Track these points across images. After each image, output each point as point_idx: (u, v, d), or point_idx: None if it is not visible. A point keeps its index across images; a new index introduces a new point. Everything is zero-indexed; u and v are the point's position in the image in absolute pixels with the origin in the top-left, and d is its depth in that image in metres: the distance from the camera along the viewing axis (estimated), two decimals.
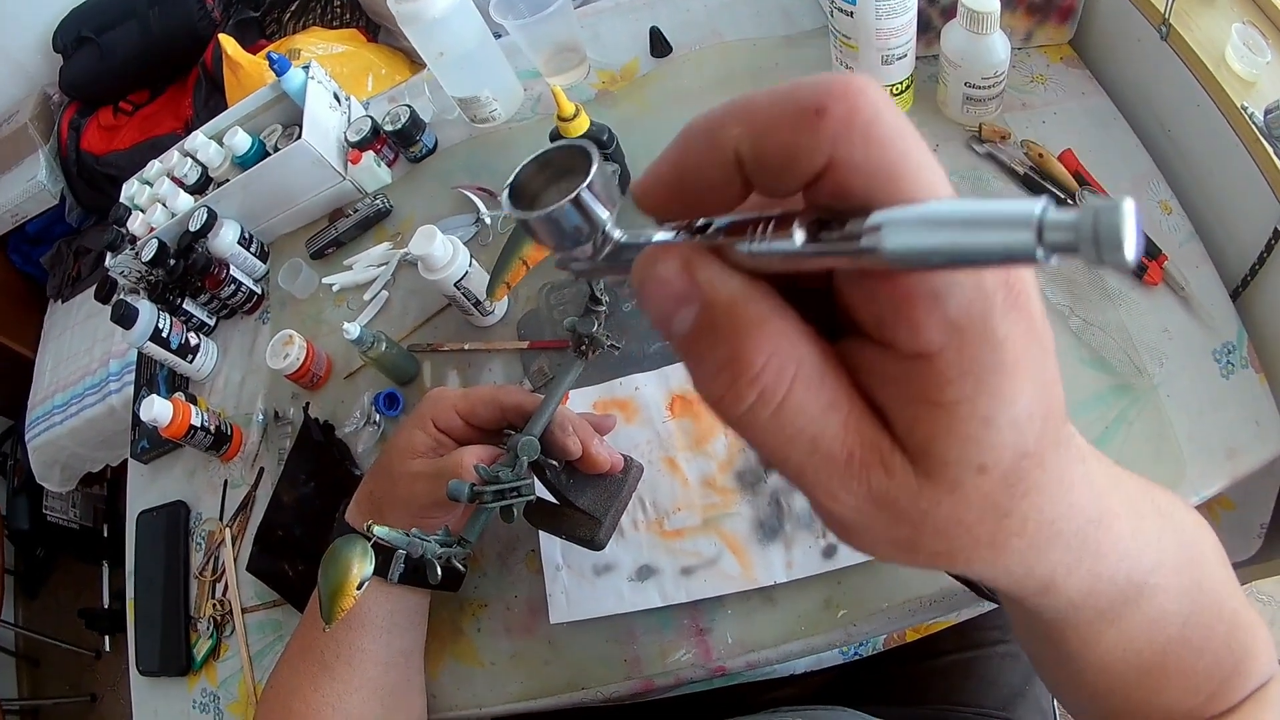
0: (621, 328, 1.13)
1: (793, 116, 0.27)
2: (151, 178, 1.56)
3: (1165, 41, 1.02)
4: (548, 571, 0.99)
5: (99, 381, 2.62)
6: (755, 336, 0.29)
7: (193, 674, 1.20)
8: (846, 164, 0.27)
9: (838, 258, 0.27)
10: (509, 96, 1.41)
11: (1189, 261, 0.99)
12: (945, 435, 0.29)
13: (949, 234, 0.23)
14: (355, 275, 1.36)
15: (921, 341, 0.28)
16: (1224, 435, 0.90)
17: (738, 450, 0.99)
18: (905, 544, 0.33)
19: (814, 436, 0.30)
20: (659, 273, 0.30)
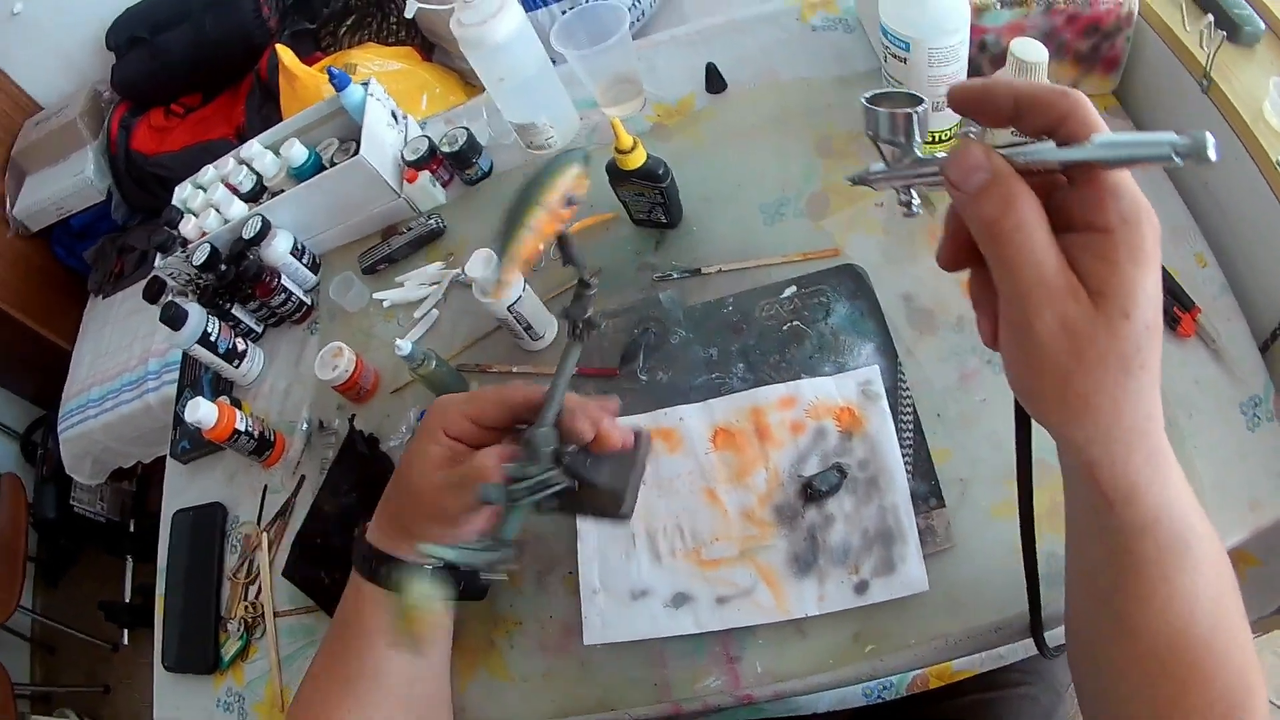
0: (670, 360, 1.15)
1: (1052, 89, 0.51)
2: (205, 183, 1.59)
3: (1206, 94, 1.04)
4: (584, 593, 1.02)
5: (137, 379, 2.67)
6: (1021, 191, 0.50)
7: (219, 673, 1.22)
8: (1074, 116, 0.50)
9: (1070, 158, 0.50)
10: (565, 125, 1.44)
11: (1221, 315, 1.01)
12: (1113, 279, 0.50)
13: (1130, 149, 0.48)
14: (406, 293, 1.39)
15: (1108, 220, 0.50)
16: (1247, 487, 0.91)
17: (777, 485, 1.01)
18: (1065, 376, 0.52)
19: (1040, 261, 0.50)
20: (972, 151, 0.51)
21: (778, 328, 1.13)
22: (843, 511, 0.98)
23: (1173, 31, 1.08)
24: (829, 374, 1.07)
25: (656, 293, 1.21)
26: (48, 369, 3.16)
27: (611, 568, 1.02)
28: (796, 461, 1.02)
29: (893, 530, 0.95)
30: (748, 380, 1.10)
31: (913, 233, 1.17)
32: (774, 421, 1.05)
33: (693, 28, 1.54)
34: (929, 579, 0.92)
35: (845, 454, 1.01)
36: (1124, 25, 1.12)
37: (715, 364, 1.13)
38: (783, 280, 1.17)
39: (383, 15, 2.89)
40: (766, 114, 1.36)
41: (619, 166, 1.17)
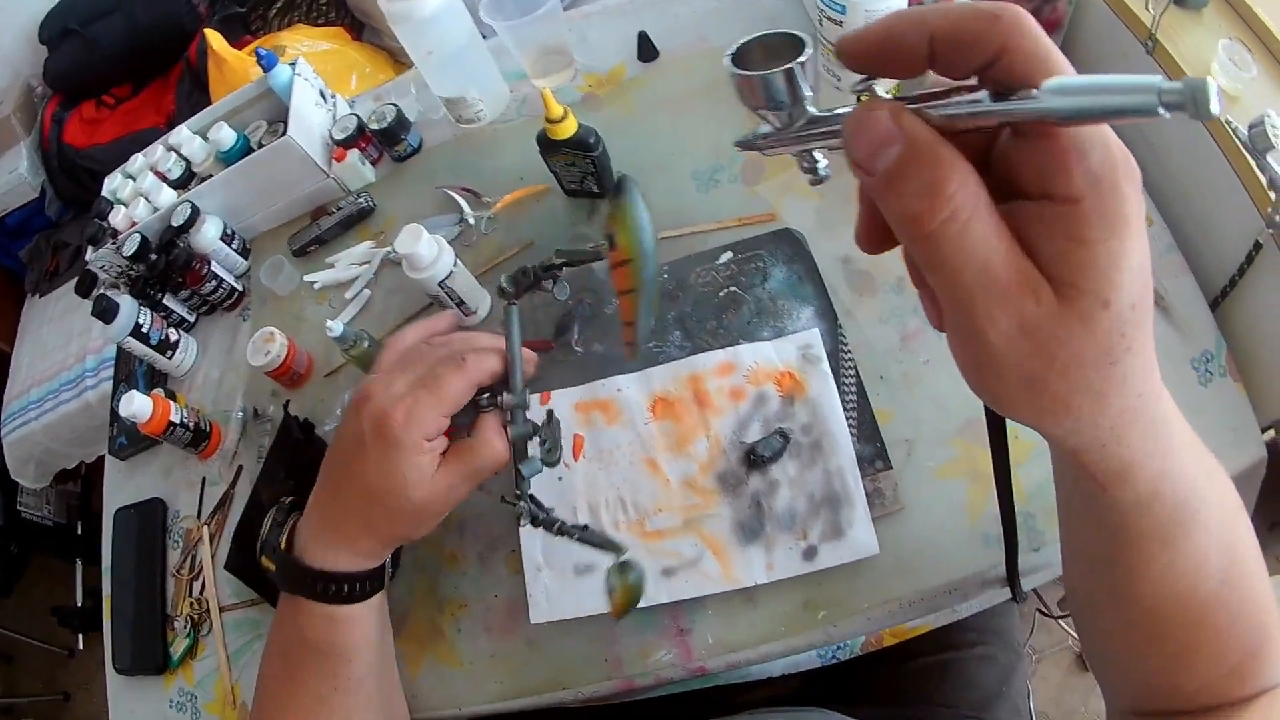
0: (604, 330, 1.13)
1: (978, 15, 0.37)
2: (134, 172, 1.55)
3: (1151, 55, 1.03)
4: (528, 571, 0.99)
5: (75, 377, 2.60)
6: (950, 167, 0.38)
7: (169, 673, 1.19)
8: (1013, 50, 0.36)
9: (1013, 115, 0.37)
10: (495, 97, 1.41)
11: (1169, 272, 1.01)
12: (1085, 267, 0.38)
13: (1098, 97, 0.34)
14: (337, 273, 1.36)
15: (1072, 187, 0.38)
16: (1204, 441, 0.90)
17: (718, 452, 0.99)
18: (1033, 380, 0.41)
19: (986, 259, 0.39)
20: (874, 117, 0.39)
21: (714, 294, 1.11)
22: (787, 477, 0.96)
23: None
24: (768, 339, 1.05)
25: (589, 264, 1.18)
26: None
27: (554, 543, 0.99)
28: (738, 428, 1.00)
29: (839, 494, 0.93)
30: (685, 348, 1.08)
31: (848, 195, 1.13)
32: (713, 388, 1.03)
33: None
34: (879, 542, 0.91)
35: (787, 419, 0.99)
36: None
37: (651, 333, 1.10)
38: (718, 246, 1.15)
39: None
40: (699, 81, 1.33)
41: (549, 136, 1.14)
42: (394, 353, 0.86)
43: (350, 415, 0.81)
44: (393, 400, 0.78)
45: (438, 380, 0.79)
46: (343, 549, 0.83)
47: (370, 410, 0.79)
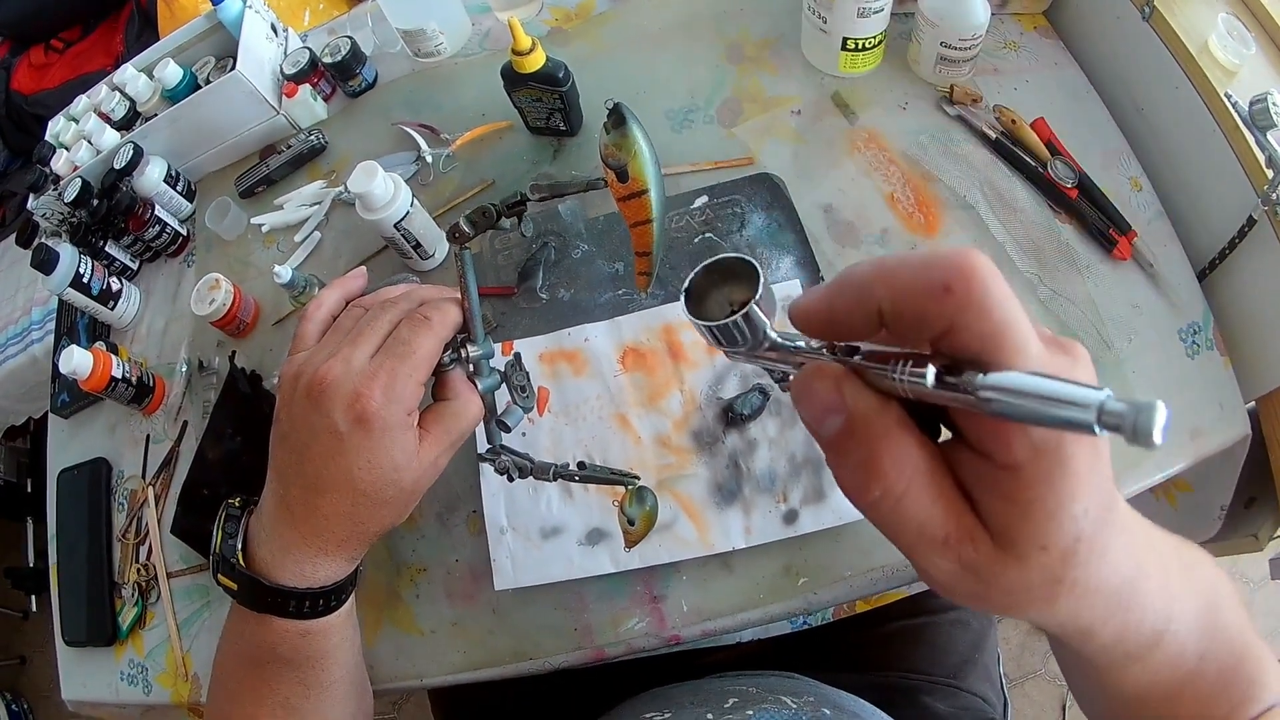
0: (571, 275, 1.06)
1: (926, 290, 0.36)
2: (78, 114, 1.46)
3: (1147, 22, 1.01)
4: (491, 534, 0.92)
5: (21, 331, 2.51)
6: (884, 446, 0.39)
7: (119, 644, 1.12)
8: (964, 329, 0.36)
9: (953, 402, 0.36)
10: (456, 30, 1.33)
11: (1156, 239, 0.99)
12: (1020, 523, 0.38)
13: (1036, 405, 0.33)
14: (286, 215, 1.28)
15: (1011, 457, 0.37)
16: (1188, 415, 0.90)
17: (694, 408, 0.92)
18: (979, 597, 0.41)
19: (922, 523, 0.40)
20: (817, 388, 0.40)
21: (689, 240, 1.04)
22: (767, 436, 0.89)
23: None
24: None
25: (555, 205, 1.11)
26: None
27: (519, 504, 0.92)
28: (714, 383, 0.93)
29: (821, 457, 0.86)
30: (657, 296, 1.00)
31: (831, 141, 1.09)
32: (687, 340, 0.96)
33: None
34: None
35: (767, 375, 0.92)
36: None
37: (621, 279, 1.03)
38: (693, 190, 1.08)
39: None
40: (672, 18, 1.26)
41: (515, 70, 1.06)
42: (315, 322, 0.77)
43: (304, 407, 0.70)
44: (363, 378, 0.68)
45: (408, 344, 0.69)
46: (322, 561, 0.73)
47: (339, 396, 0.68)
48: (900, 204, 1.03)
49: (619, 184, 0.77)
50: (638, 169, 0.76)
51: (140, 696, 1.08)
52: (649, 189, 0.77)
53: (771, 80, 1.16)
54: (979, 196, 1.02)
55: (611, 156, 0.76)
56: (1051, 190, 1.01)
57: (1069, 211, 1.00)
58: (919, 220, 1.02)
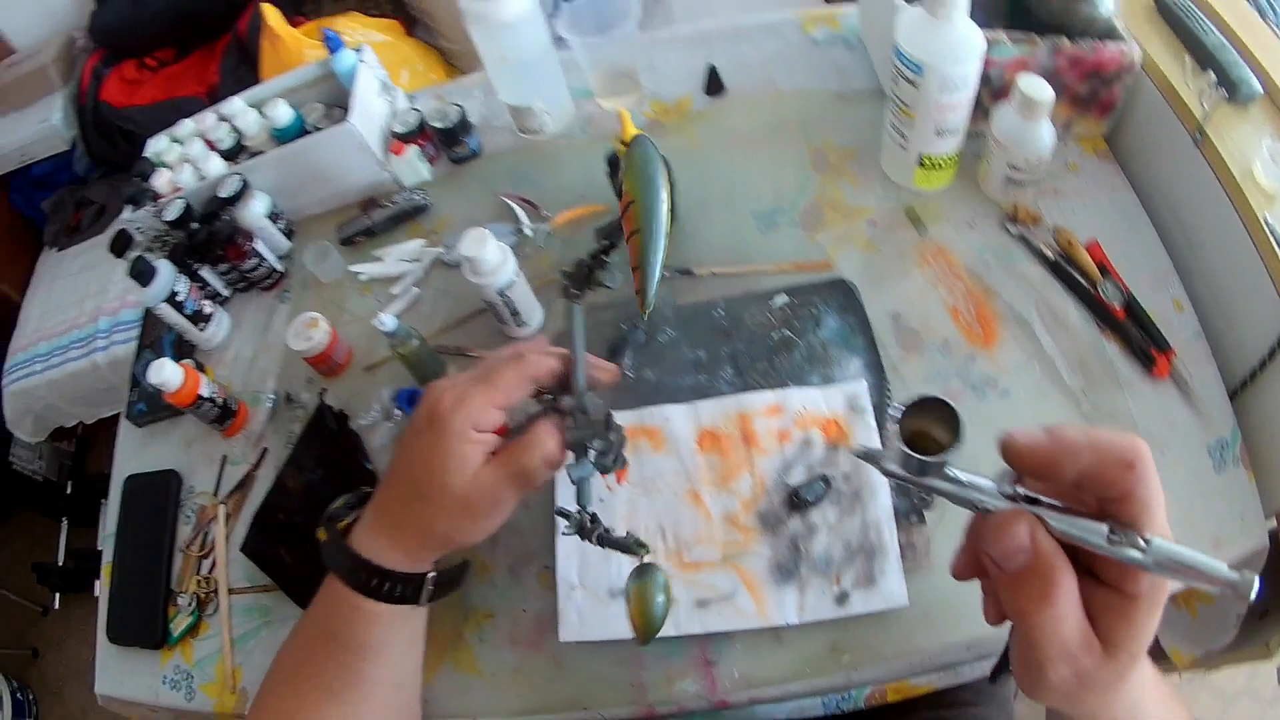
0: (657, 358, 1.13)
1: (1118, 462, 0.51)
2: (182, 136, 1.52)
3: (1197, 147, 1.07)
4: (562, 589, 0.99)
5: (86, 336, 2.58)
6: (1059, 580, 0.52)
7: (167, 649, 1.16)
8: (1133, 498, 0.51)
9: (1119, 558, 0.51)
10: (561, 111, 1.41)
11: (1194, 359, 1.04)
12: (1129, 638, 0.54)
13: (1183, 573, 0.50)
14: (385, 267, 1.35)
15: (1137, 590, 0.52)
16: (1211, 525, 0.95)
17: (762, 491, 0.99)
18: (1069, 697, 0.56)
19: (1066, 639, 0.53)
20: (1016, 531, 0.52)
21: (767, 335, 1.11)
22: (826, 522, 0.96)
23: (1171, 84, 1.11)
24: (816, 385, 1.06)
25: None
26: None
27: (591, 565, 0.99)
28: (782, 469, 1.00)
29: (874, 544, 0.94)
30: (735, 385, 1.08)
31: (904, 252, 1.17)
32: (761, 428, 1.03)
33: (695, 28, 1.52)
34: (908, 593, 0.92)
35: (830, 466, 1.00)
36: (1125, 74, 1.14)
37: (703, 366, 1.11)
38: (774, 288, 1.16)
39: None
40: (764, 122, 1.35)
41: (620, 158, 1.13)
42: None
43: (414, 411, 0.82)
44: (447, 390, 0.79)
45: (492, 372, 0.79)
46: (383, 540, 0.81)
47: (426, 400, 0.79)
48: (962, 316, 1.10)
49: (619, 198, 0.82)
50: (631, 182, 0.80)
51: (181, 702, 1.11)
52: (637, 199, 0.82)
53: (851, 190, 1.24)
54: (1034, 314, 1.09)
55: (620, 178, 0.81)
56: (1100, 310, 1.07)
57: (1115, 330, 1.06)
58: (977, 333, 1.09)
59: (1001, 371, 1.06)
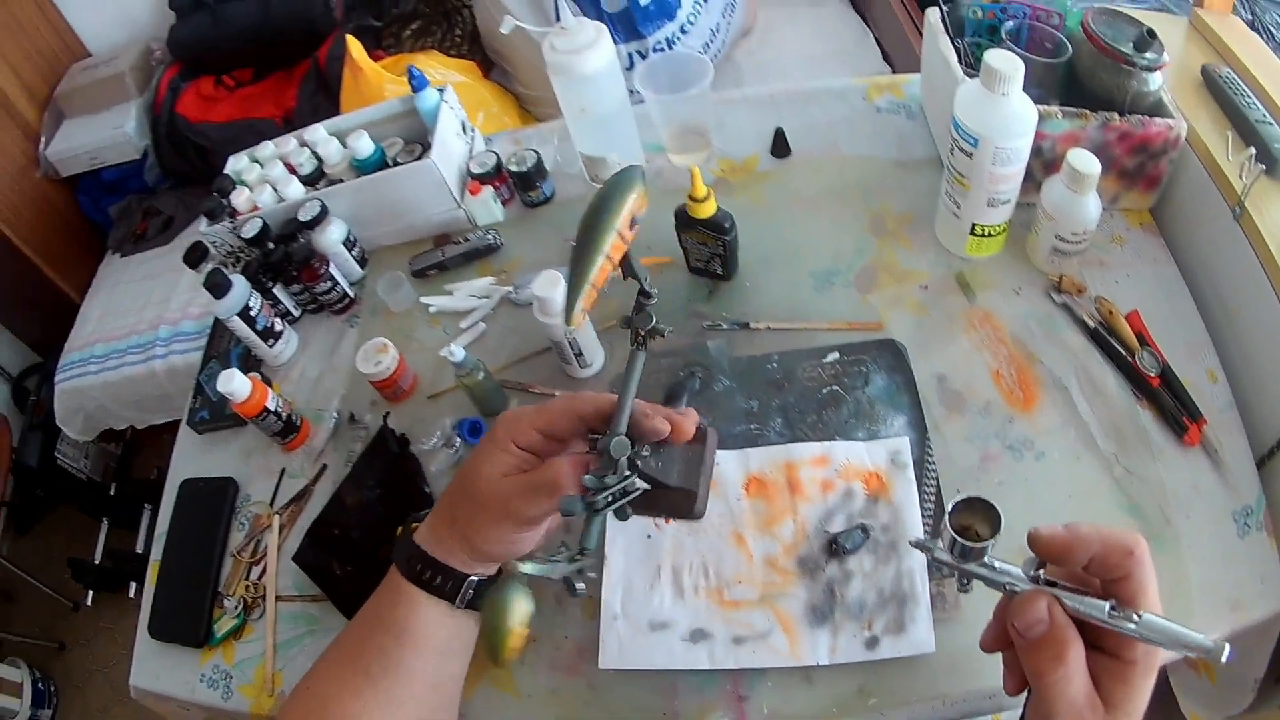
0: (712, 406, 1.20)
1: (1121, 550, 0.65)
2: (263, 158, 1.61)
3: (1237, 222, 1.13)
4: (604, 619, 1.05)
5: (146, 342, 2.66)
6: (1068, 646, 0.64)
7: (208, 648, 1.21)
8: (1131, 579, 0.64)
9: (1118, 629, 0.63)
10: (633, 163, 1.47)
11: (1225, 428, 1.10)
12: (1129, 701, 0.65)
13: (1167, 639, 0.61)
14: (455, 302, 1.43)
15: (1133, 657, 0.64)
16: (1231, 589, 0.99)
17: (803, 536, 1.06)
18: None
19: (1074, 697, 0.64)
20: (1037, 606, 0.65)
21: (818, 389, 1.18)
22: (862, 570, 1.03)
23: (1214, 159, 1.16)
24: (862, 439, 1.12)
25: (705, 340, 1.26)
26: (52, 316, 3.13)
27: (635, 596, 1.06)
28: (824, 517, 1.07)
29: (907, 592, 1.00)
30: (784, 435, 1.15)
31: (952, 317, 1.23)
32: (806, 477, 1.10)
33: (765, 90, 1.61)
34: (935, 641, 0.97)
35: (870, 516, 1.06)
36: (1171, 148, 1.19)
37: (755, 415, 1.18)
38: (826, 345, 1.22)
39: (448, 25, 2.91)
40: (826, 185, 1.42)
41: (689, 214, 1.22)
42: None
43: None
44: (509, 411, 0.89)
45: (544, 405, 0.87)
46: (436, 534, 0.88)
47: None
48: (1004, 380, 1.16)
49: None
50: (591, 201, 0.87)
51: (217, 700, 1.17)
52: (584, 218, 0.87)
53: (906, 254, 1.31)
54: (1073, 380, 1.15)
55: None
56: (1137, 378, 1.13)
57: (1150, 399, 1.12)
58: (1018, 397, 1.15)
59: (1039, 434, 1.11)
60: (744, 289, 1.33)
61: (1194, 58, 1.31)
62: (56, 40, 3.22)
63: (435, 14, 2.96)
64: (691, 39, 2.54)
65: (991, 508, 0.70)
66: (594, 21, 1.31)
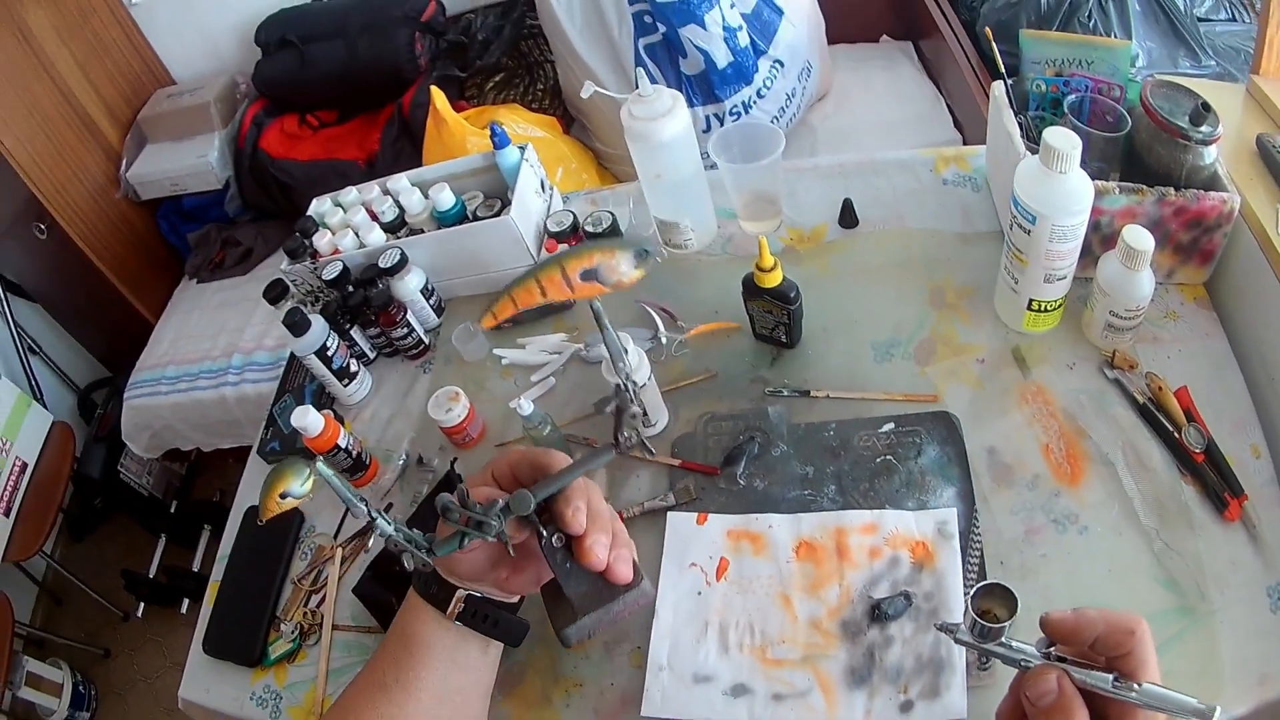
0: (769, 470, 1.27)
1: (1123, 630, 0.70)
2: (346, 203, 1.71)
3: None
4: (650, 668, 1.12)
5: (219, 369, 2.81)
6: (1075, 713, 0.69)
7: (261, 669, 1.30)
8: (1133, 656, 0.70)
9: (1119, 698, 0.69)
10: (704, 229, 1.55)
11: (1265, 503, 1.11)
12: None
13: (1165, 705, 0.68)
14: (527, 355, 1.51)
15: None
16: (1261, 663, 1.01)
17: (847, 601, 1.12)
18: None
19: None
20: (1048, 677, 0.71)
21: (872, 458, 1.25)
22: (903, 635, 1.08)
23: (1266, 232, 1.19)
24: (911, 509, 1.18)
25: (766, 406, 1.33)
26: (122, 334, 3.30)
27: (681, 649, 1.13)
28: (869, 583, 1.13)
29: (944, 659, 1.05)
30: (836, 502, 1.22)
31: (1006, 390, 1.28)
32: (854, 544, 1.16)
33: (834, 160, 1.68)
34: (968, 707, 1.02)
35: (914, 584, 1.12)
36: (1224, 222, 1.22)
37: (809, 481, 1.25)
38: (883, 416, 1.28)
39: (531, 80, 3.02)
40: (891, 257, 1.48)
41: (755, 282, 1.28)
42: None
43: None
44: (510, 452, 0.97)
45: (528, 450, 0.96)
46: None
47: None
48: (1053, 455, 1.20)
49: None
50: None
51: (265, 719, 1.25)
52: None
53: (964, 328, 1.36)
54: (1119, 456, 1.18)
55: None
56: (1182, 454, 1.15)
57: (1193, 474, 1.14)
58: (1066, 471, 1.18)
59: (1083, 508, 1.15)
60: (806, 357, 1.39)
61: (1250, 127, 1.33)
62: (140, 65, 3.38)
63: (519, 68, 3.07)
64: (767, 103, 2.63)
65: (1009, 592, 0.76)
66: (671, 90, 1.39)
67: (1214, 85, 1.49)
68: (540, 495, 0.85)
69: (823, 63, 2.82)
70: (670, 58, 2.55)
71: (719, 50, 2.50)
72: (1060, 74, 1.34)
